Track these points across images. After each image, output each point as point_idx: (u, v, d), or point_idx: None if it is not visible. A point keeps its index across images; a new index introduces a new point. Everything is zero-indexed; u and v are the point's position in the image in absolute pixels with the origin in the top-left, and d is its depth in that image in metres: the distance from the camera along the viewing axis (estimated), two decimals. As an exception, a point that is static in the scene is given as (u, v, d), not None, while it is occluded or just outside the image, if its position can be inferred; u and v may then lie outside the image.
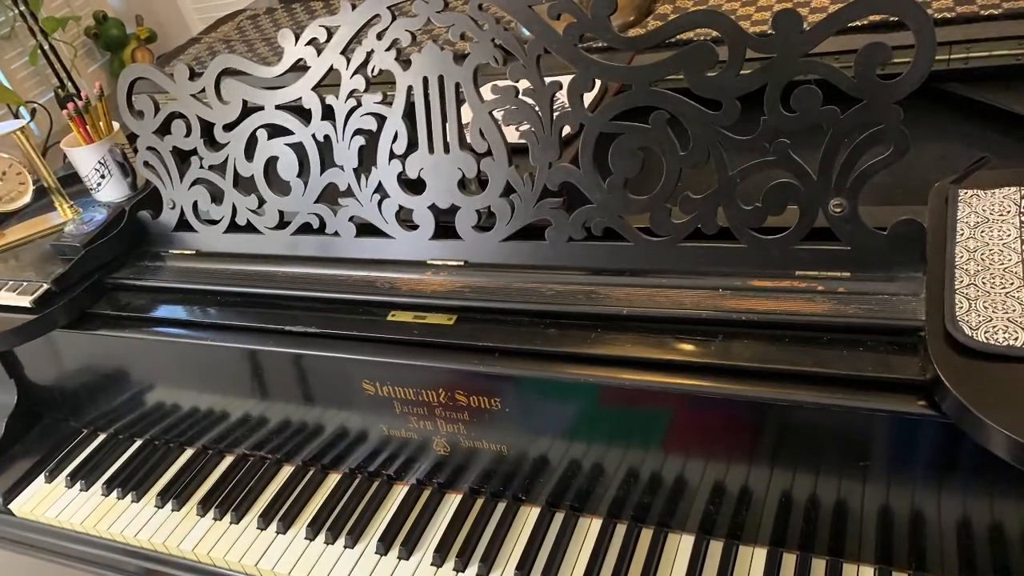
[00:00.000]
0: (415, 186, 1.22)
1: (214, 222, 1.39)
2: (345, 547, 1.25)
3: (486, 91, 1.14)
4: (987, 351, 0.84)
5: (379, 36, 1.17)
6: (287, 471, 1.41)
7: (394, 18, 1.15)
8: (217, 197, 1.37)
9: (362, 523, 1.28)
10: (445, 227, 1.22)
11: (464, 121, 1.16)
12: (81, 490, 1.49)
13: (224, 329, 1.32)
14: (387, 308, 1.22)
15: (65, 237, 1.47)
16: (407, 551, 1.22)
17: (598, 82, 1.24)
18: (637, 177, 1.08)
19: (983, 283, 0.90)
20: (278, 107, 1.27)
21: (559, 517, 1.20)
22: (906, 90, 0.91)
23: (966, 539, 0.97)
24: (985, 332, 0.85)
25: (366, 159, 1.24)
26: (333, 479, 1.37)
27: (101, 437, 1.59)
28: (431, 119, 1.17)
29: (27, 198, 1.61)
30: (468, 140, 1.16)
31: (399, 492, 1.31)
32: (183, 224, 1.43)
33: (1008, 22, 1.29)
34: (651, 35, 1.02)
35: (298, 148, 1.27)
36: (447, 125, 1.17)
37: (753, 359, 0.98)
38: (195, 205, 1.39)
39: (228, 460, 1.46)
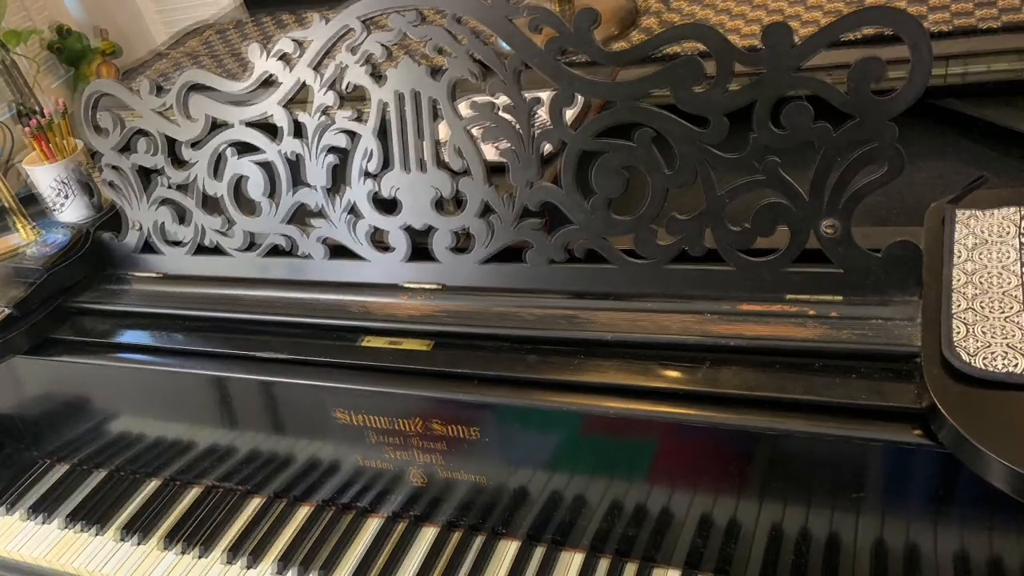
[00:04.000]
0: (389, 206, 1.19)
1: (180, 244, 1.37)
2: (316, 583, 1.22)
3: (463, 107, 1.12)
4: (986, 378, 0.82)
5: (352, 50, 1.15)
6: (256, 503, 1.38)
7: (368, 31, 1.14)
8: (183, 218, 1.35)
9: (334, 557, 1.24)
10: (421, 249, 1.20)
11: (440, 138, 1.14)
12: (42, 523, 1.46)
13: (191, 355, 1.30)
14: (360, 333, 1.20)
15: (26, 259, 1.44)
16: (382, 587, 1.19)
17: (580, 98, 1.22)
18: (621, 197, 1.06)
19: (981, 307, 0.89)
20: (246, 124, 1.25)
21: (540, 551, 1.18)
22: (901, 106, 0.90)
23: (964, 574, 0.95)
24: (984, 358, 0.83)
25: (338, 178, 1.22)
26: (304, 511, 1.34)
27: (63, 468, 1.56)
28: (406, 136, 1.15)
29: (-14, 218, 1.57)
30: (444, 158, 1.14)
31: (373, 525, 1.28)
32: (148, 246, 1.41)
33: (1007, 35, 1.28)
34: (636, 49, 1.00)
35: (267, 167, 1.25)
36: (423, 143, 1.15)
37: (742, 386, 0.97)
38: (160, 226, 1.37)
39: (194, 492, 1.43)
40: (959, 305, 0.89)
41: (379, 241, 1.22)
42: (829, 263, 0.99)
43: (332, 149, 1.20)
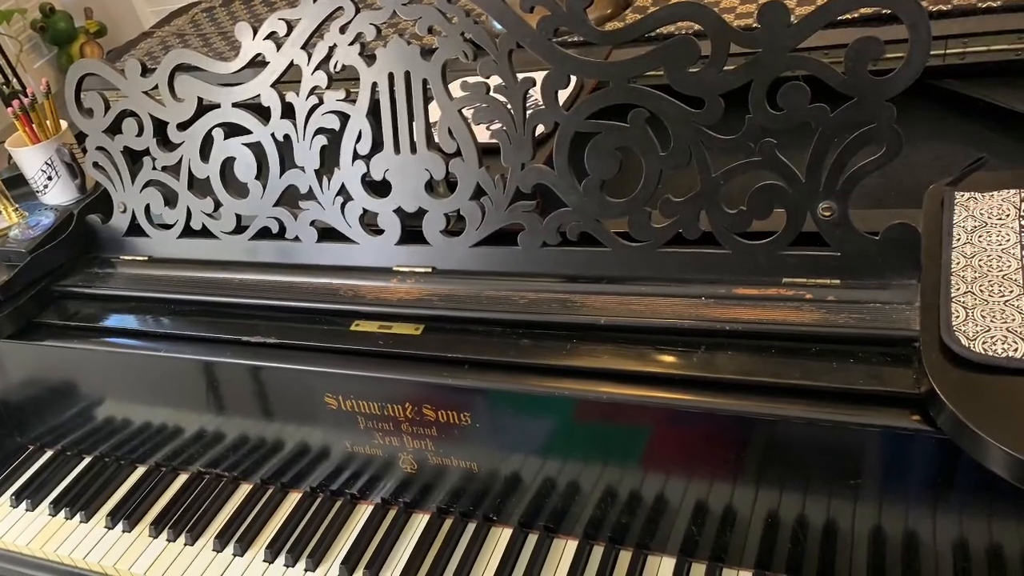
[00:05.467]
0: (380, 188, 1.19)
1: (167, 226, 1.36)
2: (306, 570, 1.21)
3: (455, 88, 1.10)
4: (985, 363, 0.81)
5: (342, 30, 1.14)
6: (244, 490, 1.37)
7: (358, 11, 1.13)
8: (171, 200, 1.34)
9: (324, 545, 1.23)
10: (412, 232, 1.19)
11: (432, 120, 1.13)
12: (27, 510, 1.45)
13: (178, 340, 1.29)
14: (351, 317, 1.19)
15: (10, 242, 1.43)
16: (372, 574, 1.17)
17: (574, 78, 1.21)
18: (615, 179, 1.05)
19: (981, 291, 0.88)
20: (235, 105, 1.24)
21: (532, 539, 1.17)
22: (899, 87, 0.89)
23: (962, 562, 0.94)
24: (983, 343, 0.82)
25: (328, 160, 1.21)
26: (293, 498, 1.33)
27: (48, 454, 1.55)
28: (397, 117, 1.14)
29: (-30, 201, 1.56)
30: (436, 140, 1.13)
31: (363, 512, 1.27)
32: (135, 228, 1.40)
33: (1007, 15, 1.27)
34: (630, 29, 0.99)
35: (256, 148, 1.24)
36: (414, 124, 1.14)
37: (737, 371, 0.96)
38: (147, 208, 1.37)
39: (182, 478, 1.42)
40: (958, 289, 0.88)
41: (370, 224, 1.21)
42: (826, 246, 0.98)
43: (322, 130, 1.19)
